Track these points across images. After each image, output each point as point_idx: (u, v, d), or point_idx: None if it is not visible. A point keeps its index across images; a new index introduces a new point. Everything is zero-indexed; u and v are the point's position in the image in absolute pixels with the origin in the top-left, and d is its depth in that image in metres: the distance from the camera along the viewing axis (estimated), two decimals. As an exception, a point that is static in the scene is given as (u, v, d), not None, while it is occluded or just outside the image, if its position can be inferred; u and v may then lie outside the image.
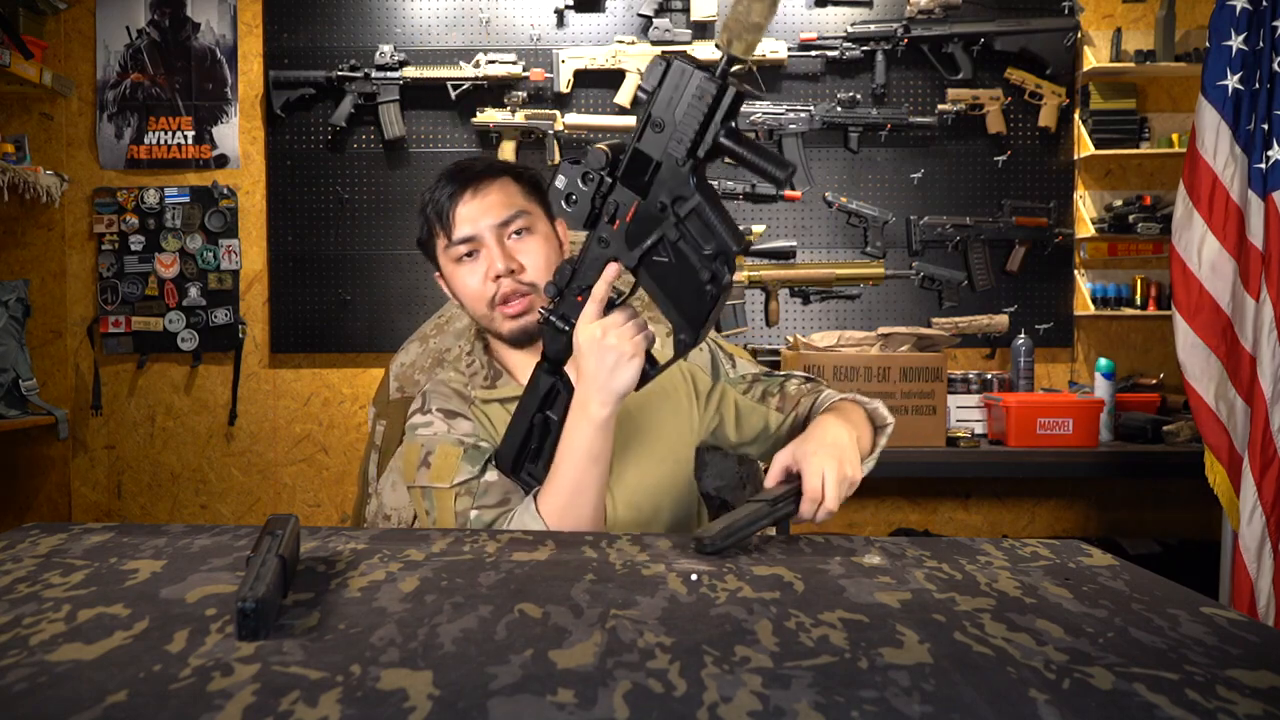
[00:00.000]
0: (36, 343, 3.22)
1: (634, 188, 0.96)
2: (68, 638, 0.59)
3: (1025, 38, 3.09)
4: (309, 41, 3.17)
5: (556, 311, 1.05)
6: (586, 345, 1.01)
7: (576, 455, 1.05)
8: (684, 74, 0.89)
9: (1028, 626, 0.64)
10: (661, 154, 0.92)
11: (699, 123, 0.89)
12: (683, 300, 0.96)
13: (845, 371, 2.58)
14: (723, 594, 0.71)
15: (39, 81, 2.96)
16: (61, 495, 3.28)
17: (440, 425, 1.18)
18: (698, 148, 0.90)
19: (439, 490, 1.13)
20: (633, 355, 1.00)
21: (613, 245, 0.99)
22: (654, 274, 0.97)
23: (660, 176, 0.94)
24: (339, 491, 3.28)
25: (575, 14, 3.16)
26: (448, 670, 0.54)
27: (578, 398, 1.05)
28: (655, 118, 0.91)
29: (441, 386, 1.24)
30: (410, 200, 3.18)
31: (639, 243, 0.96)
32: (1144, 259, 3.19)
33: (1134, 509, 3.24)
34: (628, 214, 0.97)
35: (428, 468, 1.15)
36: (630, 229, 0.97)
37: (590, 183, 0.97)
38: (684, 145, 0.90)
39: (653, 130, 0.92)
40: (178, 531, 0.91)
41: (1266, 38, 2.12)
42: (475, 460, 1.13)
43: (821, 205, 3.18)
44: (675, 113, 0.90)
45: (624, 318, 1.01)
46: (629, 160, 0.95)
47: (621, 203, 0.97)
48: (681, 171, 0.92)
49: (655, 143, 0.92)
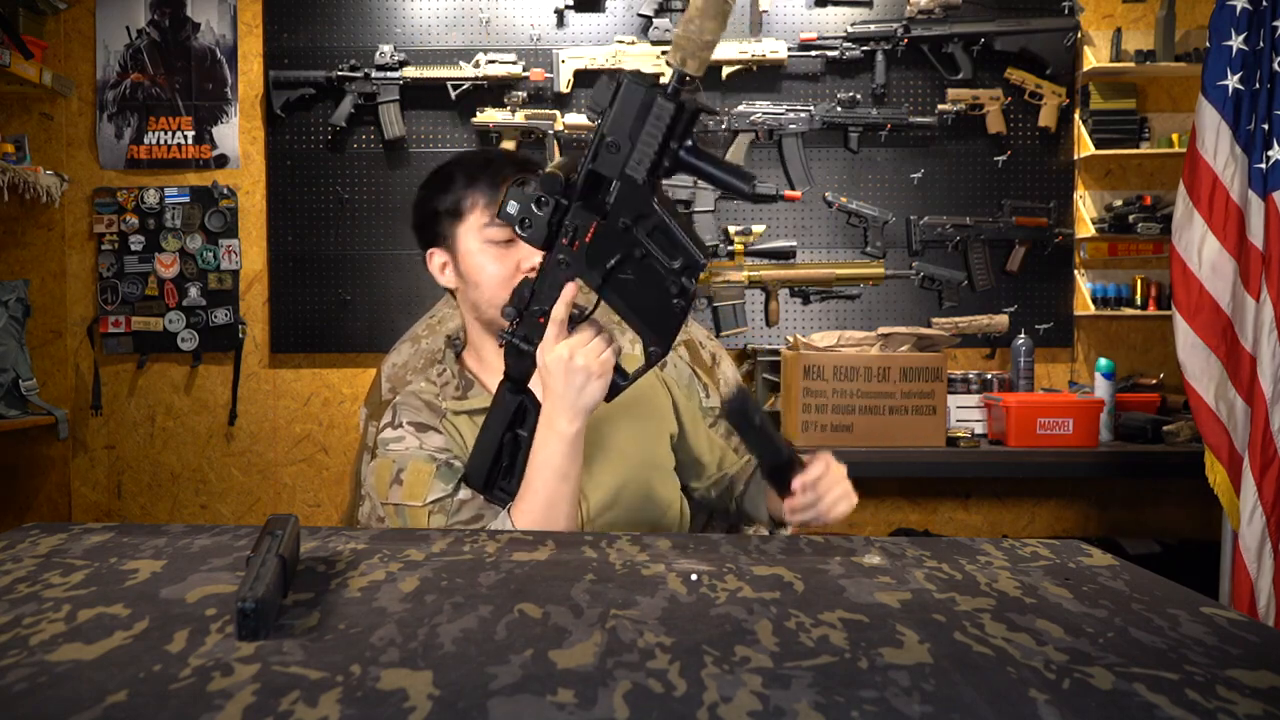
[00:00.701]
0: (36, 343, 3.22)
1: (591, 208, 0.96)
2: (68, 638, 0.59)
3: (1025, 38, 3.09)
4: (309, 41, 3.17)
5: (518, 333, 1.05)
6: (554, 366, 1.01)
7: (547, 471, 1.05)
8: (636, 93, 0.88)
9: (1028, 626, 0.64)
10: (619, 173, 0.92)
11: (658, 143, 0.89)
12: (650, 315, 0.97)
13: (845, 371, 2.58)
14: (723, 594, 0.71)
15: (39, 81, 2.96)
16: (61, 495, 3.28)
17: (411, 440, 1.17)
18: (658, 167, 0.90)
19: (412, 509, 1.12)
20: (600, 374, 1.01)
21: (573, 265, 0.99)
22: (620, 291, 0.98)
23: (620, 195, 0.94)
24: (339, 491, 3.28)
25: (575, 14, 3.16)
26: (448, 670, 0.54)
27: (545, 415, 1.05)
28: (609, 138, 0.91)
29: (412, 399, 1.23)
30: (411, 200, 3.16)
31: (602, 262, 0.97)
32: (1144, 259, 3.19)
33: (1134, 509, 3.24)
34: (587, 234, 0.97)
35: (400, 485, 1.14)
36: (590, 249, 0.97)
37: (545, 207, 0.97)
38: (644, 165, 0.90)
39: (607, 151, 0.91)
40: (178, 531, 0.91)
41: (1266, 38, 2.12)
42: (448, 478, 1.13)
43: (821, 205, 3.18)
44: (631, 133, 0.89)
45: (589, 335, 1.01)
46: (584, 181, 0.95)
47: (580, 224, 0.97)
48: (642, 190, 0.92)
49: (611, 162, 0.92)
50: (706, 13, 0.83)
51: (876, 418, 2.57)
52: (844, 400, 2.57)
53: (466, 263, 1.20)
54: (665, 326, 0.97)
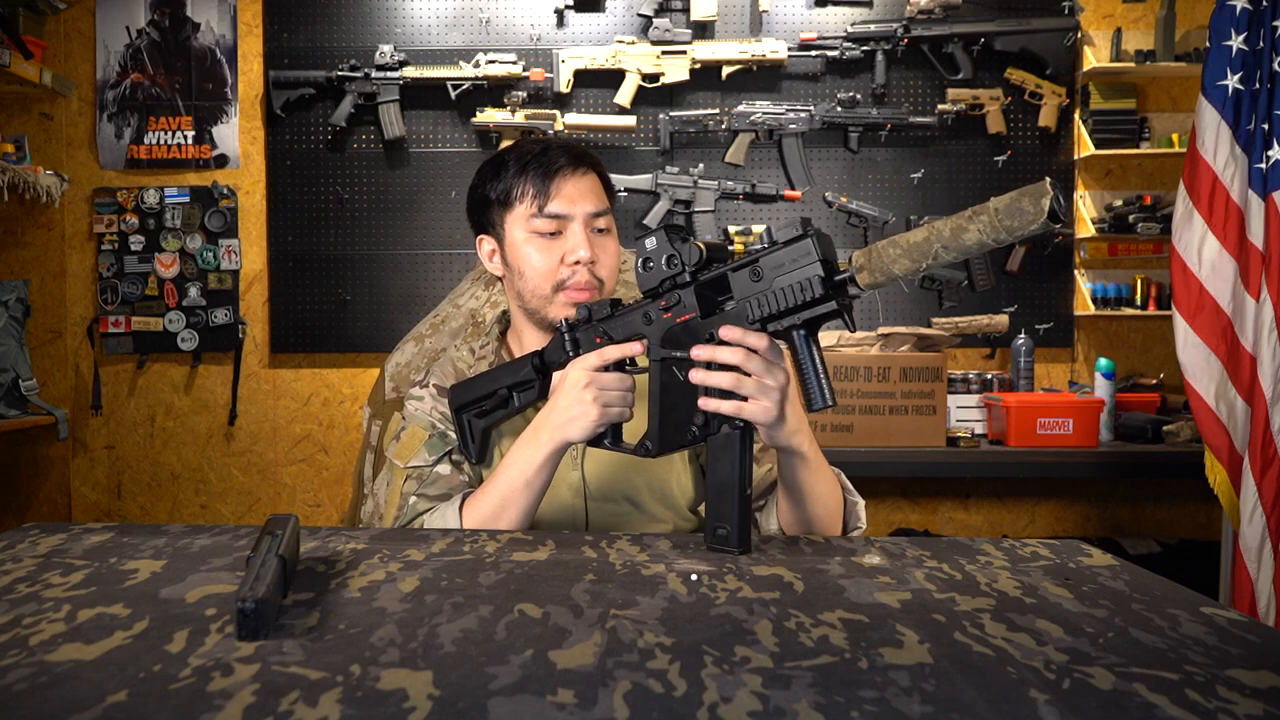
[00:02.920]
0: (36, 343, 3.22)
1: (702, 300, 0.96)
2: (68, 638, 0.59)
3: (1025, 38, 3.09)
4: (309, 41, 3.17)
5: (574, 331, 1.07)
6: (568, 382, 1.03)
7: (512, 473, 1.06)
8: (809, 255, 0.87)
9: (1028, 626, 0.64)
10: (741, 298, 0.92)
11: (787, 305, 0.88)
12: (667, 418, 0.98)
13: (845, 371, 2.58)
14: (723, 594, 0.71)
15: (39, 81, 2.96)
16: (61, 495, 3.28)
17: (428, 403, 1.21)
18: (769, 322, 0.90)
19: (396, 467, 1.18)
20: (596, 420, 1.01)
21: (652, 328, 1.00)
22: (663, 379, 0.99)
23: (726, 314, 0.94)
24: (339, 491, 3.28)
25: (575, 14, 3.16)
26: (448, 670, 0.54)
27: (537, 419, 1.06)
28: (761, 269, 0.90)
29: (448, 364, 1.26)
30: (411, 200, 3.18)
31: (671, 346, 0.98)
32: (1144, 259, 3.19)
33: (1134, 509, 3.24)
34: (682, 316, 0.98)
35: (397, 441, 1.20)
36: (673, 330, 0.98)
37: (673, 267, 0.97)
38: (760, 311, 0.90)
39: (751, 276, 0.91)
40: (178, 531, 0.91)
41: (1266, 38, 2.12)
42: (435, 450, 1.17)
43: (821, 205, 3.18)
44: (777, 279, 0.89)
45: (615, 384, 1.02)
46: (715, 279, 0.95)
47: (684, 304, 0.98)
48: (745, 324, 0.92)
49: (744, 284, 0.92)
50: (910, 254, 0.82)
51: (876, 418, 2.57)
52: (844, 400, 2.57)
53: (513, 252, 1.19)
54: (670, 439, 0.98)
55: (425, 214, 3.18)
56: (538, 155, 1.17)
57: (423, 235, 3.18)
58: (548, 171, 1.15)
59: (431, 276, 3.18)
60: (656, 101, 3.12)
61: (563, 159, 1.16)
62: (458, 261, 3.17)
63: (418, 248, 3.19)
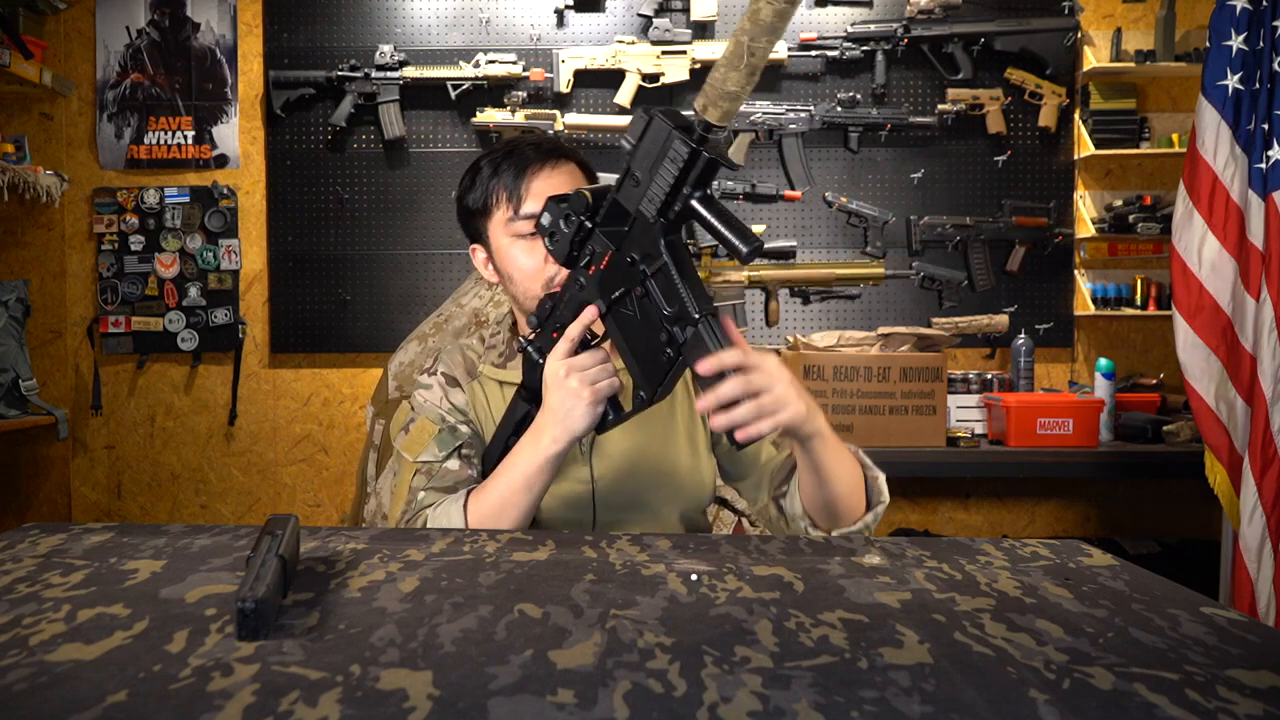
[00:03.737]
0: (36, 343, 3.22)
1: (610, 237, 0.97)
2: (68, 638, 0.59)
3: (1025, 38, 3.09)
4: (309, 41, 3.17)
5: (535, 344, 1.07)
6: (550, 380, 1.02)
7: (514, 475, 1.06)
8: (662, 132, 0.88)
9: (1028, 626, 0.64)
10: (635, 209, 0.93)
11: (670, 184, 0.88)
12: (642, 357, 0.97)
13: (845, 371, 2.58)
14: (723, 594, 0.71)
15: (39, 81, 2.96)
16: (61, 495, 3.28)
17: (436, 392, 1.21)
18: (668, 209, 0.90)
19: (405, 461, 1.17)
20: (591, 400, 1.00)
21: (588, 289, 1.00)
22: (619, 325, 0.98)
23: (634, 231, 0.94)
24: (339, 491, 3.28)
25: (575, 14, 3.16)
26: (448, 670, 0.54)
27: (535, 425, 1.06)
28: (633, 171, 0.91)
29: (456, 353, 1.25)
30: (411, 200, 3.18)
31: (608, 291, 0.98)
32: (1144, 259, 3.19)
33: (1134, 509, 3.24)
34: (602, 261, 0.98)
35: (406, 433, 1.19)
36: (603, 276, 0.98)
37: (571, 225, 0.98)
38: (654, 204, 0.90)
39: (630, 183, 0.92)
40: (178, 531, 0.91)
41: (1266, 38, 2.12)
42: (445, 444, 1.16)
43: (821, 205, 3.18)
44: (651, 169, 0.90)
45: (591, 360, 1.02)
46: (608, 209, 0.96)
47: (597, 250, 0.98)
48: (652, 229, 0.92)
49: (632, 196, 0.93)
50: (731, 63, 0.83)
51: (876, 418, 2.57)
52: (844, 400, 2.57)
53: (500, 257, 1.19)
54: (653, 372, 0.96)
55: (425, 214, 3.18)
56: (507, 156, 1.16)
57: (423, 235, 3.18)
58: (518, 172, 1.15)
59: (432, 276, 3.18)
60: (656, 101, 3.12)
61: (531, 155, 1.15)
62: (458, 261, 3.17)
63: (418, 248, 3.19)
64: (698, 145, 0.86)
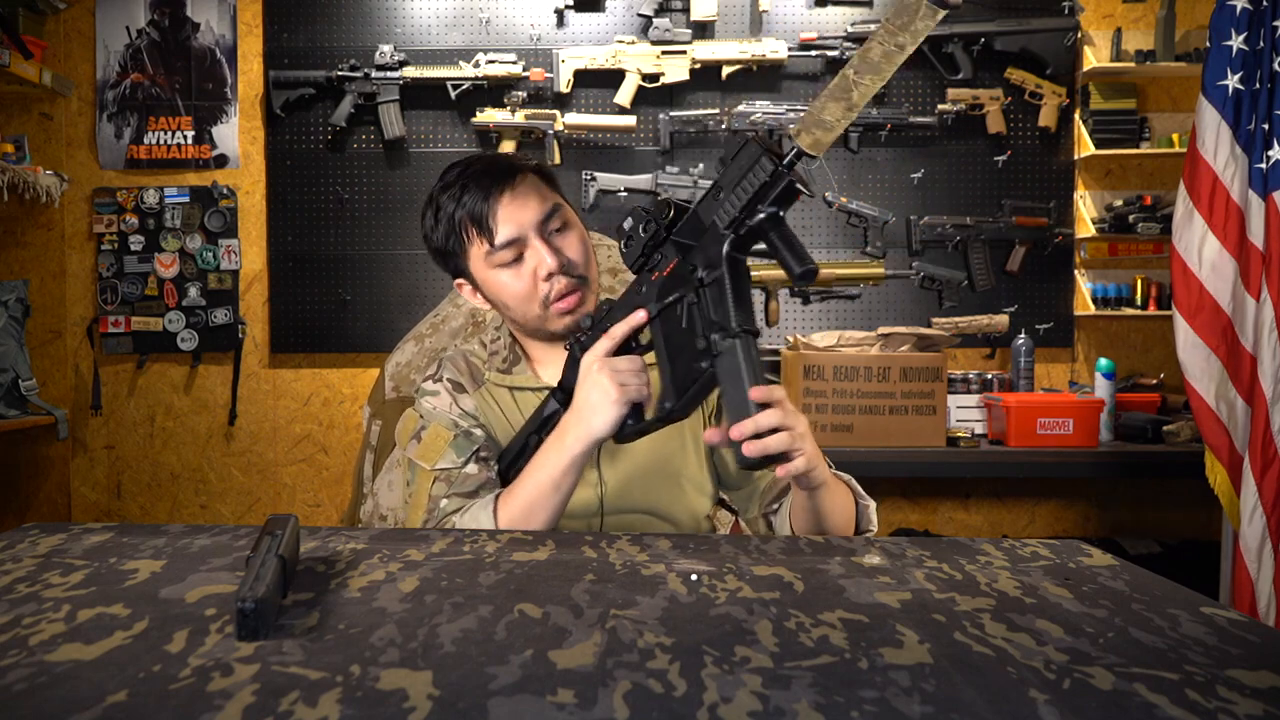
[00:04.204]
0: (36, 343, 3.22)
1: (681, 247, 0.98)
2: (68, 638, 0.59)
3: (1025, 38, 3.09)
4: (309, 41, 3.17)
5: (584, 343, 1.08)
6: (583, 372, 1.03)
7: (540, 477, 1.06)
8: (752, 151, 0.90)
9: (1028, 626, 0.64)
10: (711, 220, 0.94)
11: (747, 198, 0.90)
12: (677, 364, 0.97)
13: (845, 371, 2.58)
14: (723, 594, 0.71)
15: (39, 81, 2.96)
16: (61, 495, 3.28)
17: (444, 399, 1.19)
18: (741, 223, 0.91)
19: (421, 469, 1.15)
20: (615, 400, 1.00)
21: (646, 293, 1.02)
22: (664, 330, 1.00)
23: (704, 241, 0.95)
24: (339, 491, 3.28)
25: (575, 14, 3.16)
26: (448, 670, 0.54)
27: (562, 423, 1.06)
28: (721, 187, 0.92)
29: (459, 359, 1.24)
30: (411, 200, 3.18)
31: (663, 296, 0.99)
32: (1144, 259, 3.19)
33: (1134, 509, 3.24)
34: (666, 268, 1.00)
35: (418, 441, 1.17)
36: (664, 283, 1.00)
37: (647, 231, 1.01)
38: (728, 215, 0.91)
39: (712, 197, 0.93)
40: (177, 531, 0.91)
41: (1266, 38, 2.12)
42: (462, 450, 1.14)
43: (821, 205, 3.18)
44: (734, 186, 0.91)
45: (627, 364, 1.02)
46: (687, 220, 0.98)
47: (665, 256, 1.00)
48: (721, 241, 0.92)
49: (711, 209, 0.94)
50: (833, 95, 0.84)
51: (876, 418, 2.57)
52: (844, 400, 2.57)
53: (488, 288, 1.18)
54: (684, 380, 0.96)
55: (425, 214, 3.18)
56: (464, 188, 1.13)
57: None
58: (482, 202, 1.12)
59: (431, 276, 3.17)
60: (656, 101, 3.12)
61: (489, 182, 1.13)
62: (458, 261, 3.17)
63: (418, 248, 3.17)
64: (784, 167, 0.88)
